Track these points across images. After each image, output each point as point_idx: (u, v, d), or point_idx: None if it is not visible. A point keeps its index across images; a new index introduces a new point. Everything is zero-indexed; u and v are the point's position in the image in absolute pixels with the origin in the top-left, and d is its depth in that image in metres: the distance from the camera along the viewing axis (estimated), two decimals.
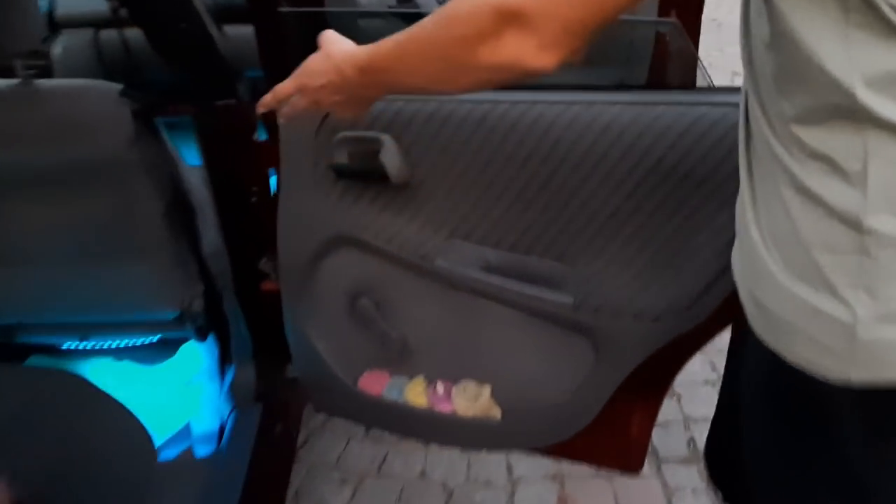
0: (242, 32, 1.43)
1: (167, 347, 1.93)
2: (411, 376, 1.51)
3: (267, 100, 1.01)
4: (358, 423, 1.92)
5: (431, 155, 1.31)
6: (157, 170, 1.54)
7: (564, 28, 0.69)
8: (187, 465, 1.62)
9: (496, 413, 1.46)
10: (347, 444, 2.10)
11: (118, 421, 1.43)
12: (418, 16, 0.82)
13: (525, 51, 0.71)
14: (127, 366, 1.95)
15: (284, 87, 0.98)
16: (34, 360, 1.91)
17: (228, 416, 1.70)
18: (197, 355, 1.92)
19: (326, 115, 1.32)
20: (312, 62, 0.94)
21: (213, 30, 1.32)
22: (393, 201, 1.36)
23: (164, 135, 1.56)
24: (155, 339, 1.89)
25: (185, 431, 1.76)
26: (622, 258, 1.27)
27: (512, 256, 1.33)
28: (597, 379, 1.35)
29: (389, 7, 2.30)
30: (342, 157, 1.34)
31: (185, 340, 1.89)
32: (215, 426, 1.74)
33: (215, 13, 1.40)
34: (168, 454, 1.73)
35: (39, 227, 1.54)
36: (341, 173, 1.36)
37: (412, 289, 1.43)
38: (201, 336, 1.80)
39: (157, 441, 1.75)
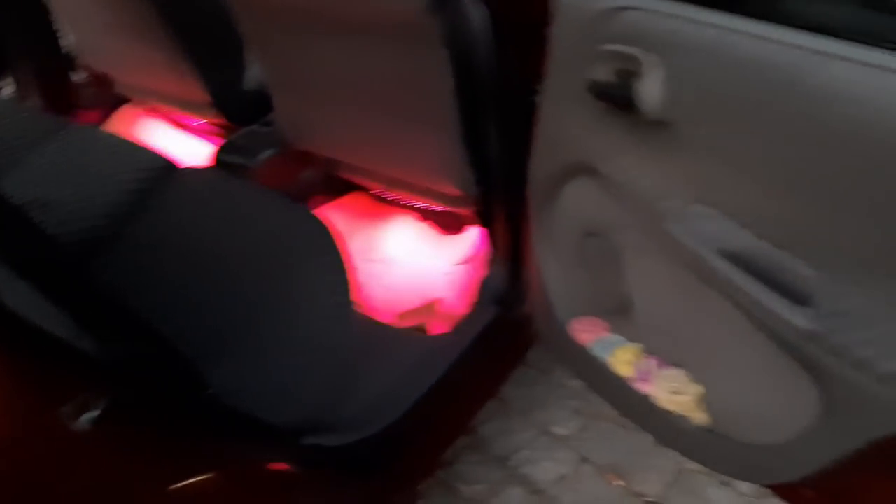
0: None
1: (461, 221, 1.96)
2: (630, 339, 1.32)
3: None
4: (560, 364, 1.76)
5: (698, 95, 1.04)
6: (454, 45, 1.48)
7: None
8: (412, 335, 1.67)
9: (700, 419, 1.21)
10: None
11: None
12: None
13: None
14: (425, 227, 2.03)
15: None
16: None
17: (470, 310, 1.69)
18: (475, 239, 1.92)
19: (615, 11, 1.11)
20: None
21: None
22: (645, 139, 1.14)
23: (472, 8, 1.49)
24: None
25: (429, 308, 1.81)
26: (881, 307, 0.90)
27: (759, 246, 1.04)
28: (817, 436, 1.03)
29: None
30: (604, 73, 1.14)
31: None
32: (458, 313, 1.75)
33: None
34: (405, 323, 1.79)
35: (342, 71, 1.61)
36: (597, 93, 1.16)
37: (644, 244, 1.21)
38: (479, 222, 1.78)
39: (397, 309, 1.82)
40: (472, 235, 1.91)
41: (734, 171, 1.04)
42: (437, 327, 1.74)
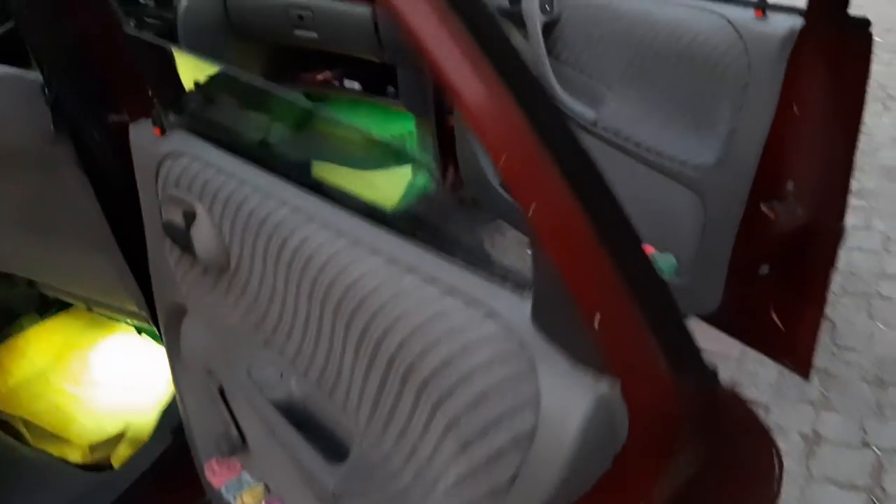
0: None
1: None
2: (258, 479, 1.26)
3: None
4: None
5: (238, 243, 1.01)
6: (91, 169, 1.42)
7: None
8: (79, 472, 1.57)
9: None
10: None
11: None
12: None
13: None
14: (140, 344, 1.94)
15: None
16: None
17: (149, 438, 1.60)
18: None
19: (169, 156, 1.08)
20: None
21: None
22: (220, 282, 1.10)
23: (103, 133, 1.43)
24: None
25: (120, 437, 1.71)
26: (387, 464, 0.87)
27: (313, 395, 1.00)
28: None
29: None
30: (174, 215, 1.10)
31: None
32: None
33: None
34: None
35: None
36: (170, 234, 1.12)
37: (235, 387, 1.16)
38: None
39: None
40: None
41: (285, 319, 1.01)
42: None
